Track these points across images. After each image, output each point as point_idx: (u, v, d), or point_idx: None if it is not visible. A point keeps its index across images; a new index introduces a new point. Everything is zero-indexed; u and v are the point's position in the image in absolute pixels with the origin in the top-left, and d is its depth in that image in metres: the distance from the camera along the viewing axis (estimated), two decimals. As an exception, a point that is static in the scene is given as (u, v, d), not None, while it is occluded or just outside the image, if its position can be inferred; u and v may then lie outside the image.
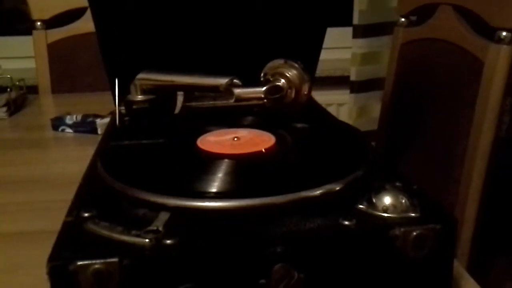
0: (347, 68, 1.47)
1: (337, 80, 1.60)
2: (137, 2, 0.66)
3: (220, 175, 0.42)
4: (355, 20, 1.38)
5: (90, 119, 0.89)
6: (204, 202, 0.38)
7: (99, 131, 0.87)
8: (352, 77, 1.44)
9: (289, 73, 0.57)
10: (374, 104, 1.45)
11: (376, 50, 1.42)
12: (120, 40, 0.68)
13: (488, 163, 0.85)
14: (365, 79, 1.44)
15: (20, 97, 1.10)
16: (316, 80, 0.65)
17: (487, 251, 0.92)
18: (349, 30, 1.41)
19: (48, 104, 1.23)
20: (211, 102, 0.59)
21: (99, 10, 0.66)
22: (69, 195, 0.42)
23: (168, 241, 0.34)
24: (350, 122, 1.35)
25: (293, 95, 0.57)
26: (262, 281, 0.35)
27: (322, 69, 0.76)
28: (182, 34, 0.69)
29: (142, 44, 0.68)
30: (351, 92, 1.45)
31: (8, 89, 1.05)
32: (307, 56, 0.62)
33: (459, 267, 0.46)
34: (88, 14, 1.28)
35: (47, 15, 1.31)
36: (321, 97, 0.73)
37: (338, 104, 1.63)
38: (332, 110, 1.57)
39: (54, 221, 0.38)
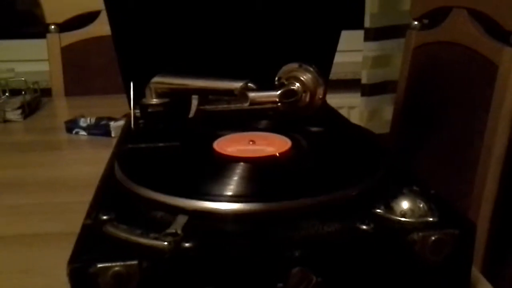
0: (358, 71, 1.47)
1: (348, 83, 1.60)
2: (153, 6, 0.67)
3: (238, 178, 0.42)
4: (367, 23, 1.38)
5: (104, 121, 0.90)
6: (222, 205, 0.38)
7: (113, 134, 0.87)
8: (364, 80, 1.44)
9: (304, 77, 0.57)
10: (385, 107, 1.44)
11: (387, 53, 1.42)
12: (136, 44, 0.68)
13: (502, 167, 0.85)
14: (377, 82, 1.44)
15: (34, 100, 1.10)
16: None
17: (501, 254, 0.91)
18: (360, 33, 1.41)
19: (62, 107, 1.24)
20: (225, 106, 0.59)
21: (115, 14, 0.67)
22: (83, 197, 0.42)
23: (187, 244, 0.34)
24: (361, 125, 1.35)
25: (307, 99, 0.57)
26: (280, 284, 0.35)
27: (333, 72, 0.76)
28: (197, 38, 0.69)
29: (158, 47, 0.68)
30: (362, 95, 1.45)
31: (23, 92, 1.06)
32: (322, 59, 0.62)
33: (475, 272, 0.46)
34: (102, 17, 1.29)
35: (60, 19, 1.32)
36: (332, 100, 0.73)
37: (349, 107, 1.63)
38: (343, 113, 1.56)
39: (69, 223, 0.39)
